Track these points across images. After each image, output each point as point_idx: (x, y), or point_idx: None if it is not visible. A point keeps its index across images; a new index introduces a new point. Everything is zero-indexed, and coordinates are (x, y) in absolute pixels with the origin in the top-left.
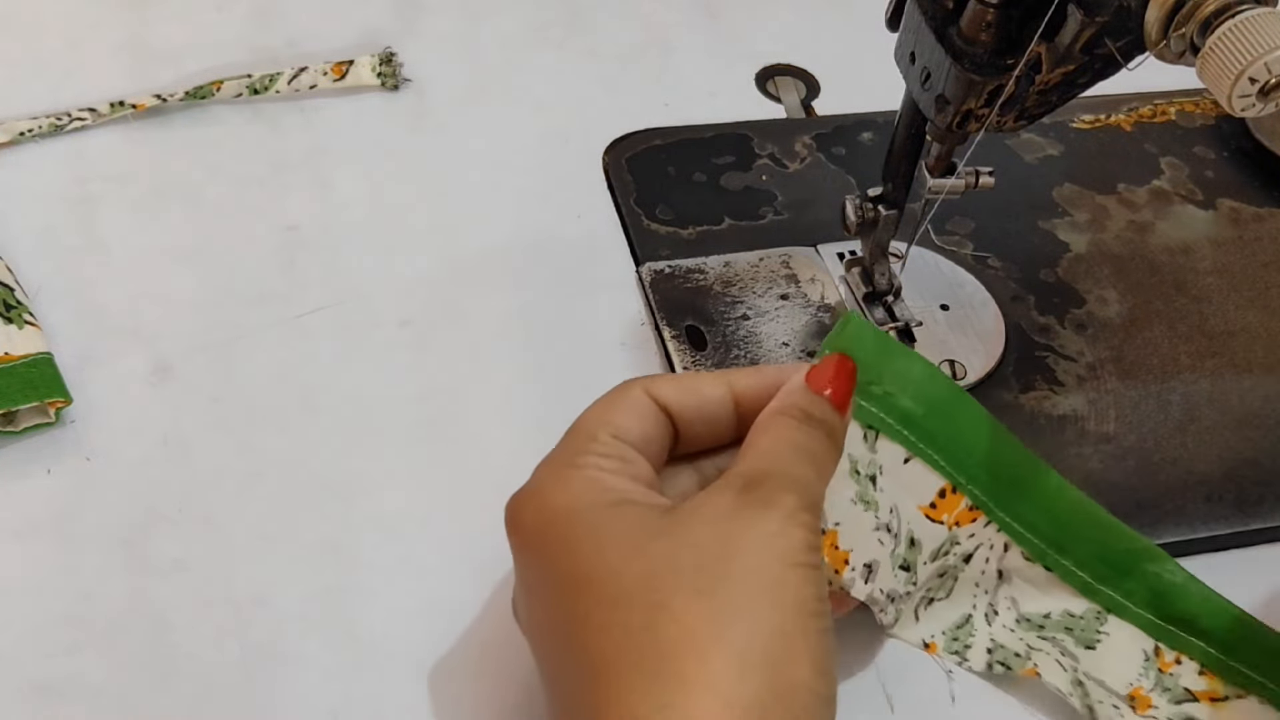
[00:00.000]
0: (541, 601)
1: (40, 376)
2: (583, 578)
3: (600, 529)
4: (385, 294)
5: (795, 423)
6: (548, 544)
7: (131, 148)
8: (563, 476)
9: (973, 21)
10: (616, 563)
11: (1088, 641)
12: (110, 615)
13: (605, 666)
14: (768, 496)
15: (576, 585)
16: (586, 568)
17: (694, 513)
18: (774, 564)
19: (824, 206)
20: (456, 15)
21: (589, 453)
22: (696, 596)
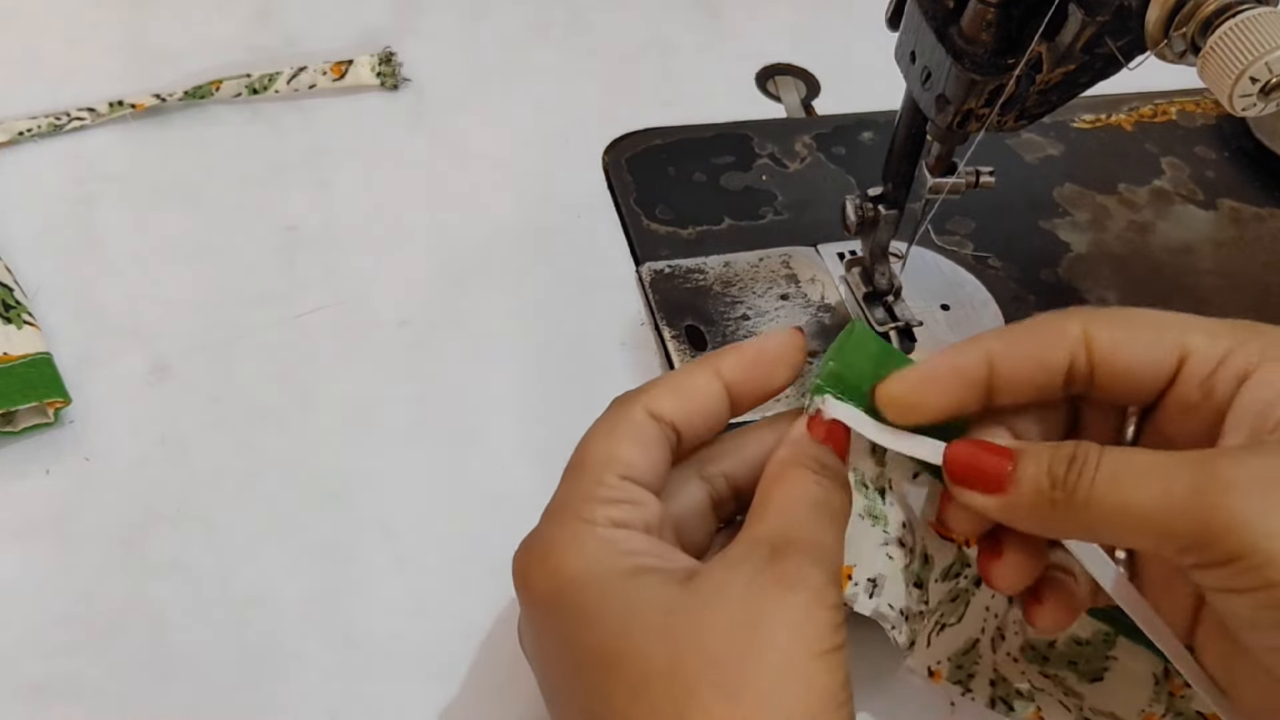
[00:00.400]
0: (558, 668)
1: (39, 377)
2: (606, 655)
3: (621, 603)
4: (385, 294)
5: (813, 476)
6: (564, 612)
7: (131, 147)
8: (575, 534)
9: (973, 21)
10: (641, 644)
11: (1094, 673)
12: (109, 615)
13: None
14: (794, 575)
15: (599, 662)
16: (610, 645)
17: (718, 589)
18: (800, 656)
19: (824, 206)
20: (456, 15)
21: (598, 500)
22: (723, 692)
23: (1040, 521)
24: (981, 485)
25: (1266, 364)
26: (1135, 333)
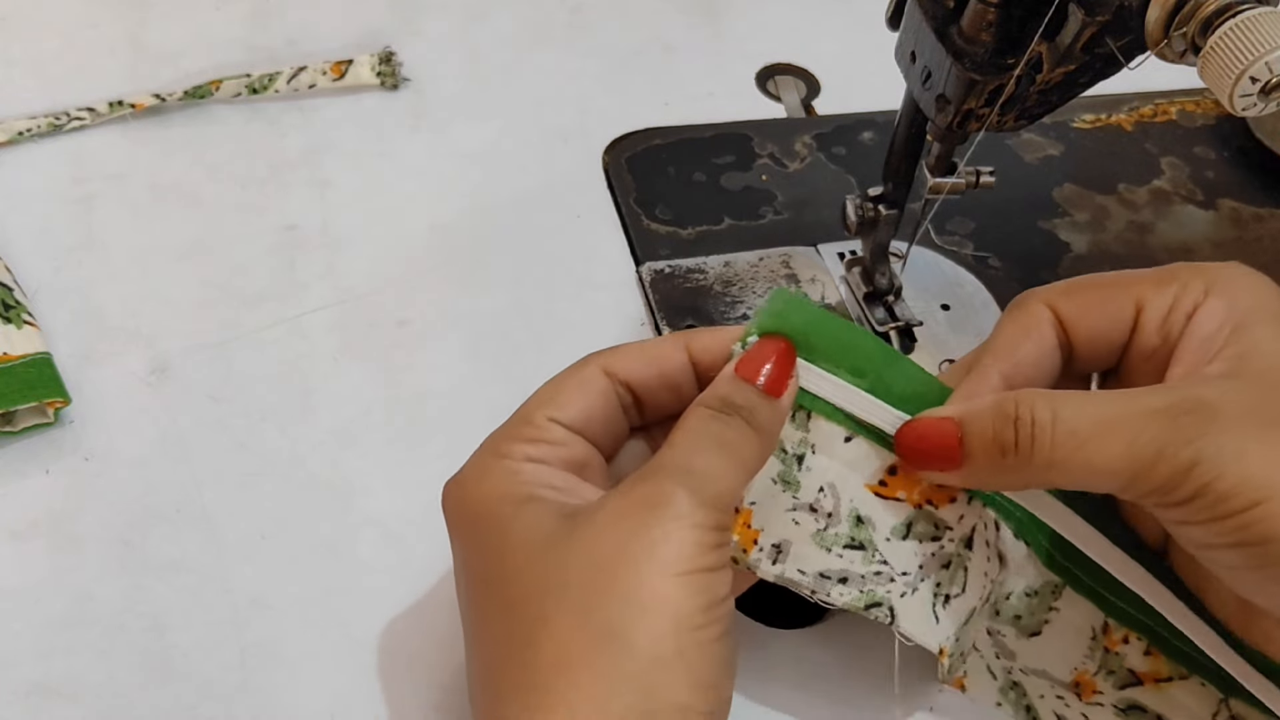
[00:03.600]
0: (460, 588)
1: (39, 377)
2: (486, 576)
3: (506, 528)
4: (385, 294)
5: (710, 413)
6: (462, 534)
7: (130, 147)
8: (485, 465)
9: (973, 21)
10: (512, 568)
11: (1034, 627)
12: (109, 615)
13: (492, 668)
14: (655, 495)
15: (481, 582)
16: (489, 567)
17: (591, 517)
18: (654, 578)
19: (824, 206)
20: (456, 15)
21: (519, 438)
22: (576, 616)
23: (1002, 484)
24: (936, 464)
25: (1209, 299)
26: (1092, 296)
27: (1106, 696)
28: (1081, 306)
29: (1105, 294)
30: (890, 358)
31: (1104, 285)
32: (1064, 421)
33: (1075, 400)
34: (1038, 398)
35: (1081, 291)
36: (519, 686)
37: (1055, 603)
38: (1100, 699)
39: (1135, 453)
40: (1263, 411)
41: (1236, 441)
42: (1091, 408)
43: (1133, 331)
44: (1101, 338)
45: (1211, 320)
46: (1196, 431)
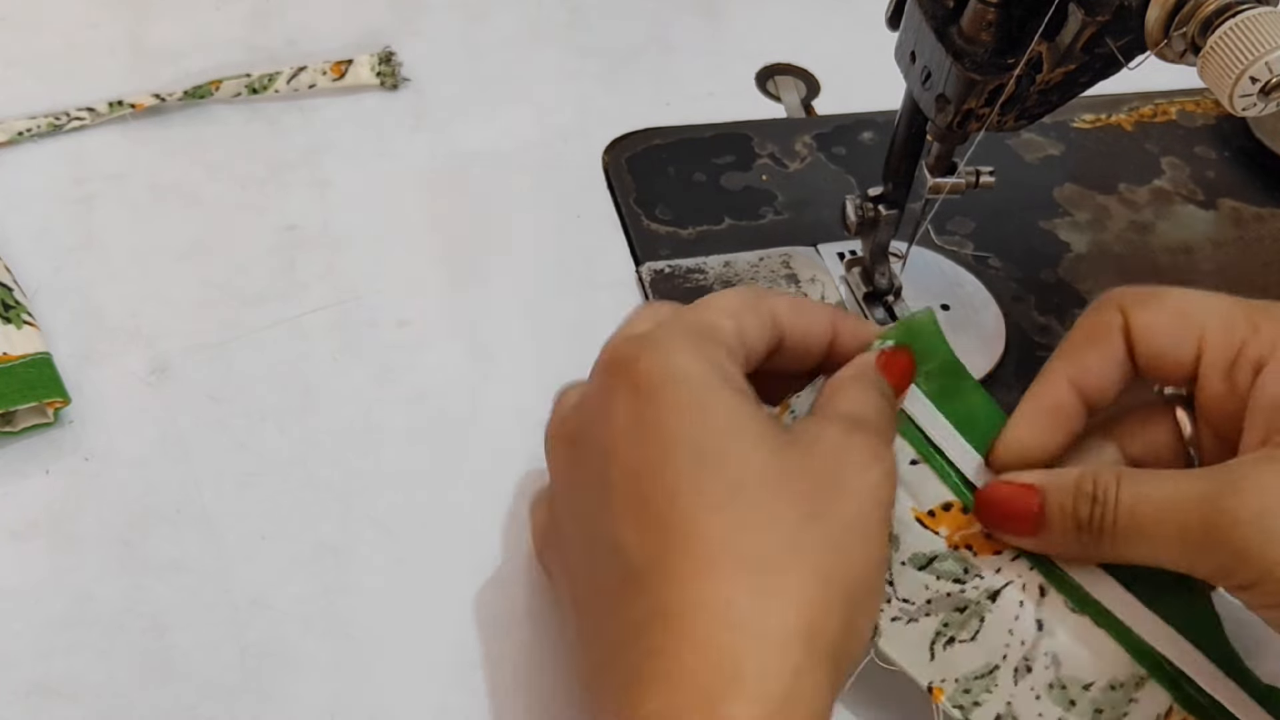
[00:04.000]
0: (639, 453)
1: (39, 377)
2: (708, 449)
3: (734, 413)
4: (385, 294)
5: (879, 394)
6: (672, 401)
7: (130, 147)
8: (698, 346)
9: (973, 20)
10: (748, 452)
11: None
12: (109, 615)
13: (698, 538)
14: (877, 449)
15: (699, 454)
16: (716, 443)
17: (815, 438)
18: (875, 510)
19: (824, 206)
20: (456, 15)
21: (717, 339)
22: (810, 520)
23: (1074, 555)
24: (1014, 528)
25: (1277, 356)
26: (1162, 318)
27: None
28: (1150, 326)
29: (1173, 320)
30: (990, 413)
31: (1175, 310)
32: (1125, 497)
33: (1143, 480)
34: (1111, 476)
35: (1155, 308)
36: (742, 567)
37: (1137, 694)
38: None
39: (1187, 538)
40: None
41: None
42: (1153, 489)
43: (1197, 365)
44: (1164, 363)
45: (1277, 383)
46: (1234, 519)
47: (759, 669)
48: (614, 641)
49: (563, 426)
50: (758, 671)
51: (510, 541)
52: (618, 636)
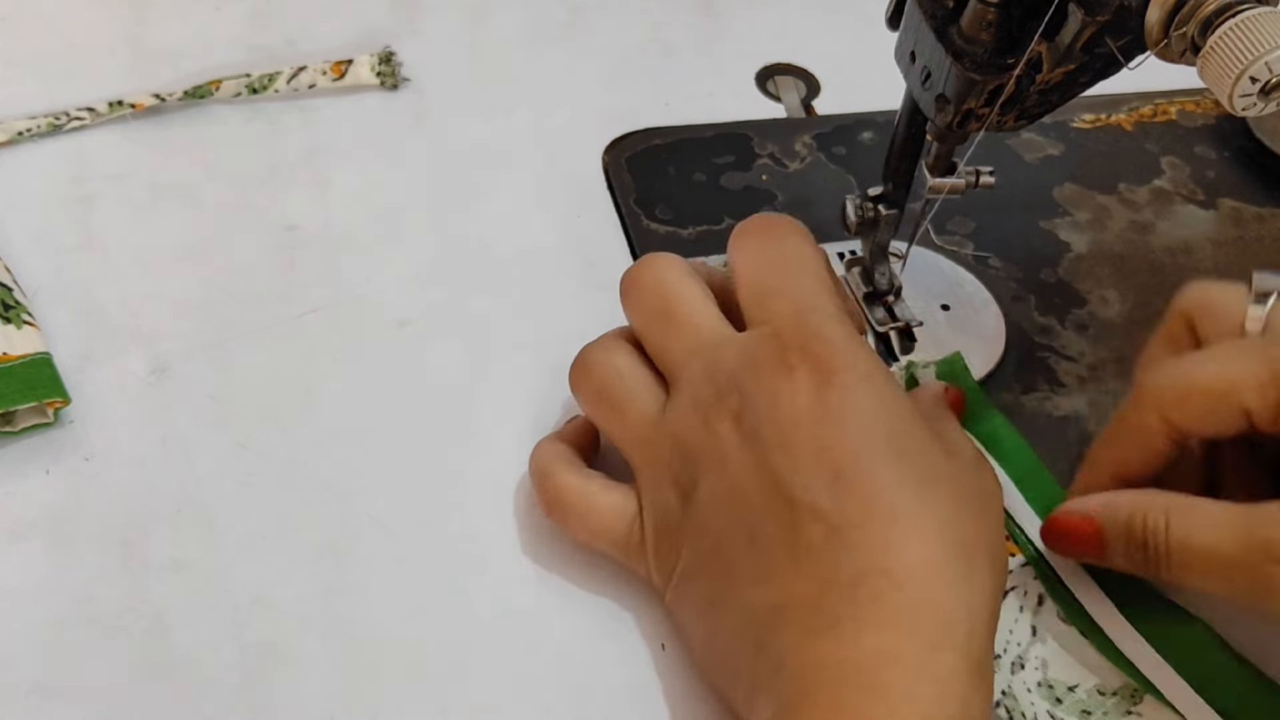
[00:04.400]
0: (817, 426)
1: (39, 377)
2: (901, 443)
3: (912, 413)
4: (385, 294)
5: (957, 424)
6: (855, 386)
7: (130, 147)
8: (856, 334)
9: (973, 20)
10: (931, 451)
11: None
12: (109, 615)
13: (906, 514)
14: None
15: (891, 443)
16: (906, 438)
17: (958, 453)
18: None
19: (824, 206)
20: (456, 15)
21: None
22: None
23: (1141, 574)
24: (1078, 553)
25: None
26: (1202, 406)
27: None
28: (1193, 419)
29: (1214, 404)
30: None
31: (1212, 393)
32: (1176, 526)
33: (1192, 516)
34: (1161, 513)
35: (1192, 402)
36: (952, 542)
37: (1135, 707)
38: None
39: (1232, 576)
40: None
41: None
42: (1200, 515)
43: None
44: (1217, 437)
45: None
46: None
47: (969, 630)
48: (810, 591)
49: (714, 411)
50: (968, 632)
51: (510, 541)
52: (816, 586)
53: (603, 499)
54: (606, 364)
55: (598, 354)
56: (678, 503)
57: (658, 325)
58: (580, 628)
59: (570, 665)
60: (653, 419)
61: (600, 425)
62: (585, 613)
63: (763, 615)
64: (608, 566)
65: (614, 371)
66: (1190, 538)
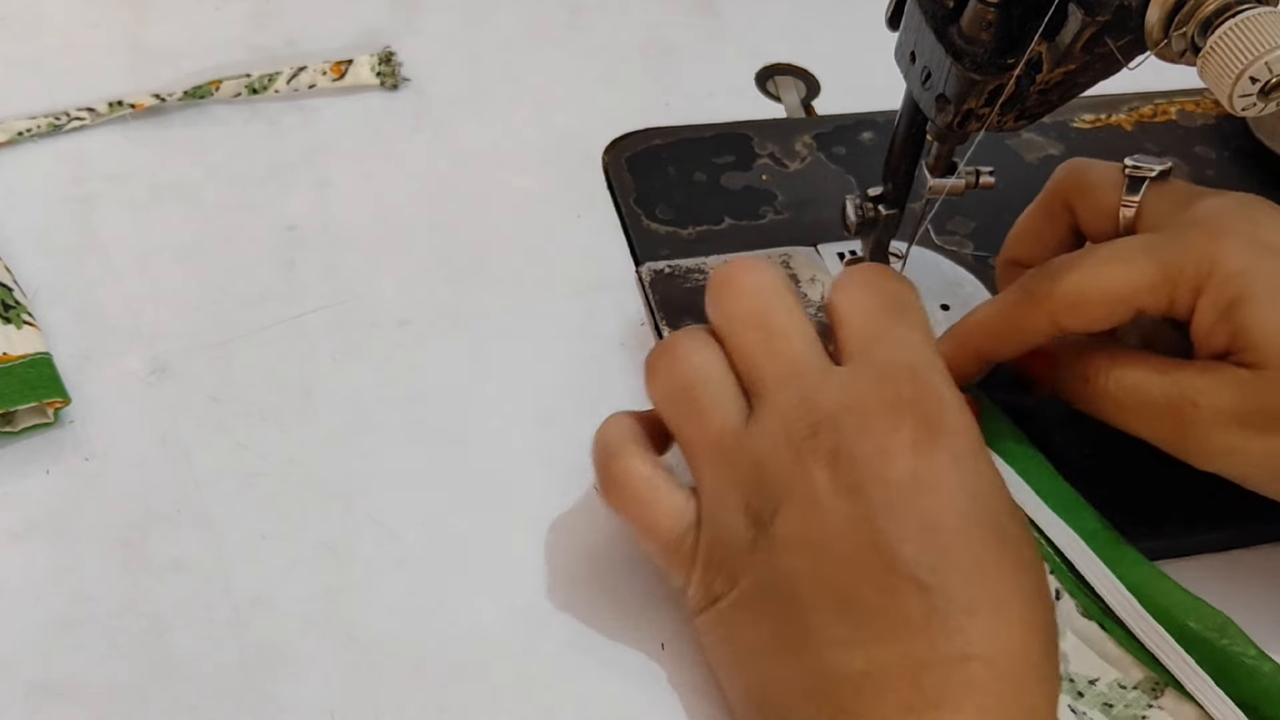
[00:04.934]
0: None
1: (39, 377)
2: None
3: (1002, 487)
4: (385, 294)
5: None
6: (955, 451)
7: (130, 147)
8: (961, 401)
9: (973, 21)
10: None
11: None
12: (109, 615)
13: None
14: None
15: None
16: (996, 516)
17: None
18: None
19: (824, 206)
20: (456, 15)
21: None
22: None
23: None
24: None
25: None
26: (1096, 316)
27: None
28: (1085, 323)
29: (1109, 309)
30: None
31: (1109, 300)
32: (1115, 371)
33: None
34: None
35: (1087, 309)
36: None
37: (1156, 700)
38: None
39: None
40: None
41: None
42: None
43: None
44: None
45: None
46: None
47: (1049, 713)
48: (904, 666)
49: (809, 448)
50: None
51: (511, 541)
52: (912, 663)
53: (666, 496)
54: (695, 361)
55: (687, 349)
56: (746, 529)
57: (754, 335)
58: (580, 627)
59: (570, 665)
60: (735, 431)
61: (671, 422)
62: (585, 612)
63: (843, 679)
64: (607, 566)
65: (702, 371)
66: (1125, 378)
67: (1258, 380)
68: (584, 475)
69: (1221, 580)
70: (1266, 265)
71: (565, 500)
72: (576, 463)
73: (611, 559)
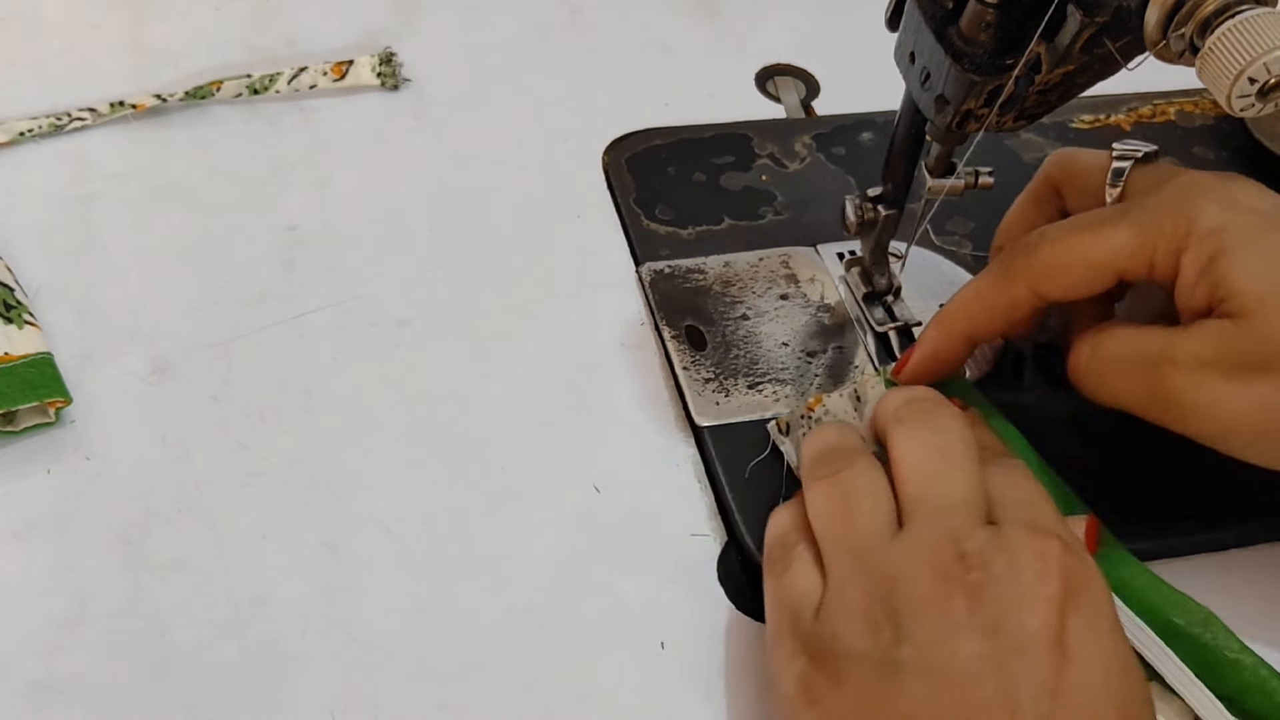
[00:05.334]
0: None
1: (40, 376)
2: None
3: (1137, 676)
4: (384, 294)
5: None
6: (1089, 630)
7: (131, 148)
8: (1106, 589)
9: (972, 21)
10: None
11: None
12: (109, 615)
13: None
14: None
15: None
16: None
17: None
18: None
19: (824, 206)
20: (456, 15)
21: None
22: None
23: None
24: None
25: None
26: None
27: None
28: (1066, 289)
29: (1089, 274)
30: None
31: (1088, 265)
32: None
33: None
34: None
35: (1067, 275)
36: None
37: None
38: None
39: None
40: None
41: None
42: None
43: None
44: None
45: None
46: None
47: None
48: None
49: (954, 574)
50: None
51: (511, 541)
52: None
53: (802, 569)
54: (862, 470)
55: (856, 457)
56: (861, 635)
57: (935, 464)
58: (580, 627)
59: (570, 664)
60: (881, 539)
61: (819, 519)
62: (585, 612)
63: None
64: (607, 566)
65: (868, 481)
66: (1105, 346)
67: (1237, 328)
68: (584, 475)
69: (1219, 580)
70: (1241, 219)
71: (565, 500)
72: (576, 462)
73: (612, 559)
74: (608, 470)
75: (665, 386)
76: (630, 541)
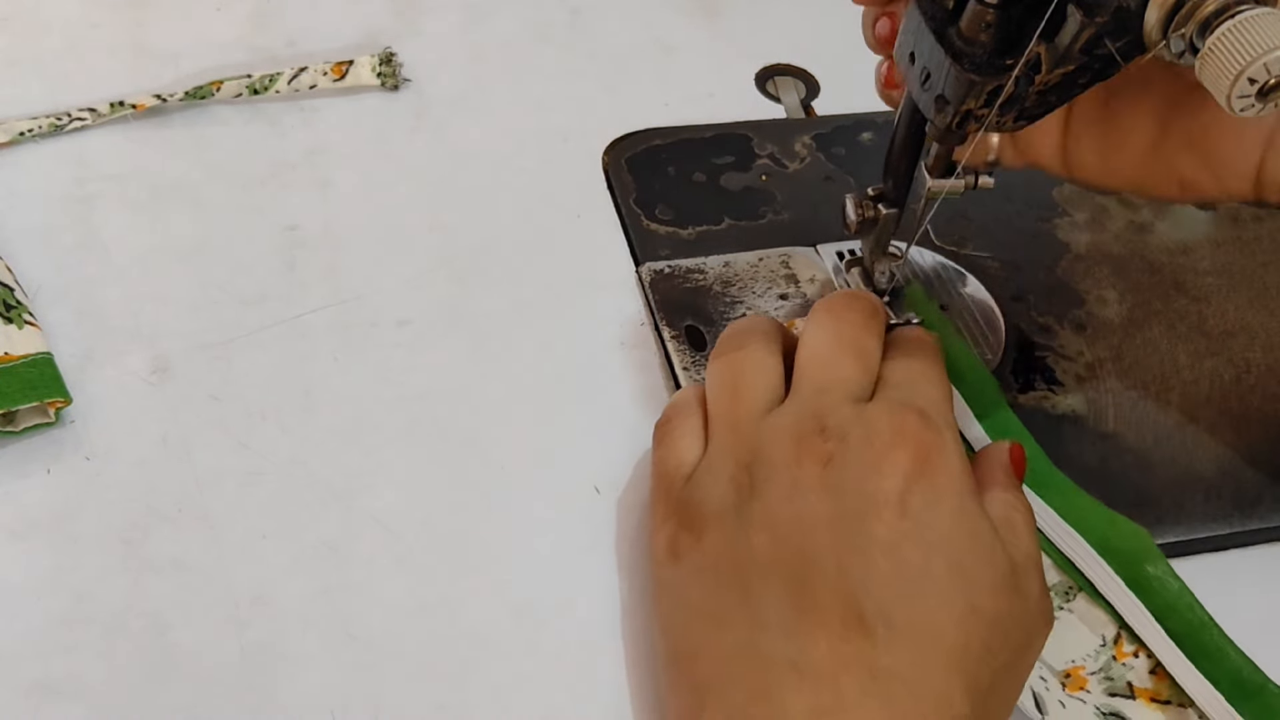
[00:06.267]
0: (895, 509)
1: (40, 376)
2: (963, 566)
3: (986, 535)
4: (385, 294)
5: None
6: (943, 493)
7: (131, 148)
8: (962, 451)
9: (972, 21)
10: (991, 581)
11: None
12: (109, 615)
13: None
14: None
15: (955, 562)
16: (968, 563)
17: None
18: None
19: (824, 206)
20: (456, 15)
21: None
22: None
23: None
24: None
25: None
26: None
27: (1092, 697)
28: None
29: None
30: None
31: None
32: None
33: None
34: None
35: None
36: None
37: (1067, 604)
38: (1085, 696)
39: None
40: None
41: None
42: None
43: None
44: None
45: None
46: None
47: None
48: (828, 669)
49: (811, 444)
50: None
51: (511, 541)
52: (835, 669)
53: (684, 441)
54: (753, 352)
55: (753, 339)
56: (724, 497)
57: (828, 350)
58: (580, 627)
59: (570, 664)
60: (755, 417)
61: (711, 392)
62: (585, 612)
63: (770, 664)
64: (607, 566)
65: (756, 363)
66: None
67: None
68: (584, 474)
69: (1220, 580)
70: None
71: (565, 499)
72: (576, 462)
73: (612, 558)
74: (608, 470)
75: (665, 386)
76: (630, 541)
